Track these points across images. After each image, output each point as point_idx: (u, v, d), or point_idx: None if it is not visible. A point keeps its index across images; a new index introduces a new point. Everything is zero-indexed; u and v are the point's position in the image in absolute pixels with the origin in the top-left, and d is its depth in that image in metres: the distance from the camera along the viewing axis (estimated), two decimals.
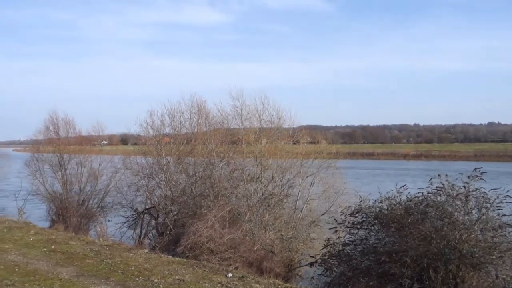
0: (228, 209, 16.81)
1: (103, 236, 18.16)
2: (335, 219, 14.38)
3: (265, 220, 17.22)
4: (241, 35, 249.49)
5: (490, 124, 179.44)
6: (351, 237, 13.06)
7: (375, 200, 12.65)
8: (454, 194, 11.17)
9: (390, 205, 11.99)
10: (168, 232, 18.87)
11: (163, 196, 20.80)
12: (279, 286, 10.10)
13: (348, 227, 13.14)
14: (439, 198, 11.35)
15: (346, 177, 21.44)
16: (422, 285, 10.33)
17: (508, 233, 10.76)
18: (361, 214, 12.74)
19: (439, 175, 11.73)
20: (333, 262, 13.05)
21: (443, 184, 11.47)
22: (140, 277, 10.27)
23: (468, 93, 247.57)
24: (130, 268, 11.22)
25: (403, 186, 12.36)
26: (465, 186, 11.13)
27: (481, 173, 11.45)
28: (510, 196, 11.00)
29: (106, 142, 39.10)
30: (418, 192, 11.86)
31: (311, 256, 15.36)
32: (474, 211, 10.90)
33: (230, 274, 10.72)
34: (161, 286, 9.59)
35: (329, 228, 15.22)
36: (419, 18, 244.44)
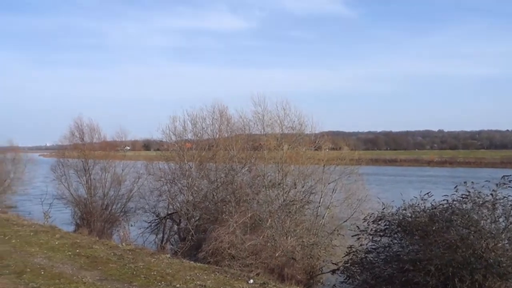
0: (250, 215, 16.82)
1: (126, 241, 18.33)
2: (358, 226, 14.22)
3: (287, 227, 17.15)
4: (264, 42, 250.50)
5: None
6: (374, 245, 12.88)
7: (398, 208, 12.47)
8: (481, 202, 10.94)
9: (414, 213, 11.81)
10: (190, 238, 18.96)
11: (185, 202, 20.93)
12: None
13: (371, 235, 12.98)
14: (465, 206, 11.14)
15: (367, 184, 21.16)
16: None
17: None
18: (384, 221, 12.57)
19: (465, 182, 11.52)
20: (356, 270, 12.89)
21: (469, 192, 11.26)
22: (162, 282, 10.33)
23: (494, 99, 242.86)
24: (153, 273, 11.30)
25: (427, 193, 12.16)
26: (492, 194, 10.89)
27: (510, 181, 11.20)
28: None
29: (129, 148, 39.51)
30: (443, 200, 11.66)
31: (333, 263, 15.22)
32: (501, 220, 10.66)
33: (252, 281, 10.70)
34: None
35: (352, 236, 15.05)
36: (443, 23, 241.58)
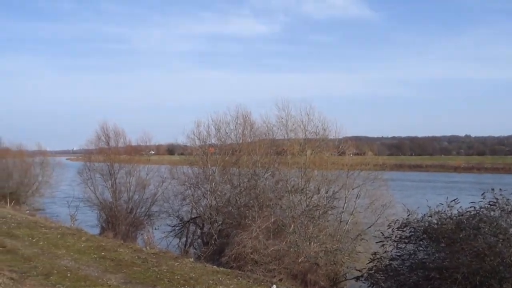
0: (273, 220, 16.80)
1: (150, 244, 18.50)
2: (382, 233, 14.05)
3: (310, 232, 17.07)
4: (286, 46, 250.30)
5: None
6: (399, 252, 12.69)
7: (424, 214, 12.27)
8: (509, 209, 10.68)
9: (440, 219, 11.59)
10: (213, 242, 19.03)
11: (208, 206, 21.03)
12: None
13: (396, 241, 12.80)
14: (493, 213, 10.89)
15: (390, 189, 20.88)
16: None
17: None
18: (409, 228, 12.38)
19: (493, 189, 11.26)
20: (380, 277, 12.72)
21: (497, 199, 11.00)
22: (186, 286, 10.41)
23: None
24: (176, 277, 11.38)
25: (454, 200, 11.94)
26: None
27: None
28: None
29: (154, 152, 39.99)
30: (470, 207, 11.42)
31: (357, 270, 15.07)
32: None
33: (275, 286, 10.67)
34: None
35: (376, 242, 14.88)
36: (470, 25, 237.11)
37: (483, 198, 11.32)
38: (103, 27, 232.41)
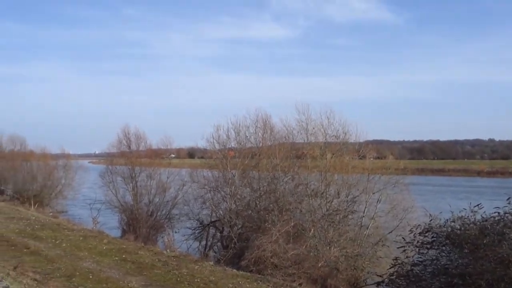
0: (292, 224, 16.75)
1: (171, 247, 18.64)
2: (403, 238, 13.88)
3: (330, 237, 16.96)
4: (307, 50, 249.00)
5: None
6: (421, 257, 12.53)
7: (447, 219, 12.09)
8: None
9: (464, 225, 11.41)
10: (233, 246, 19.05)
11: (228, 210, 21.07)
12: None
13: (417, 247, 12.64)
14: None
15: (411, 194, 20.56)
16: None
17: None
18: (432, 233, 12.22)
19: None
20: (402, 283, 12.57)
21: None
22: None
23: None
24: (196, 280, 11.44)
25: (478, 205, 11.73)
26: None
27: None
28: None
29: (174, 156, 40.27)
30: (494, 212, 11.20)
31: (378, 275, 14.91)
32: None
33: None
34: None
35: (397, 247, 14.69)
36: (493, 28, 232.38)
37: (508, 203, 11.09)
38: (125, 33, 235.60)
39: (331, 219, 17.51)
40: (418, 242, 12.63)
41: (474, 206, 11.66)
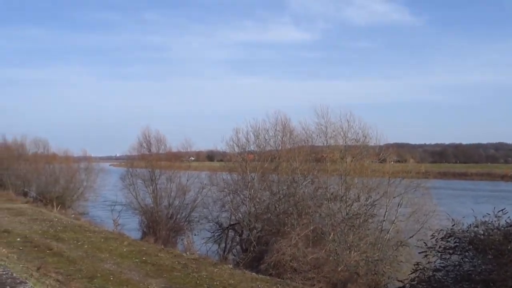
0: (312, 228, 16.67)
1: (190, 250, 18.72)
2: (425, 243, 13.67)
3: (350, 241, 16.82)
4: (326, 53, 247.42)
5: None
6: (443, 263, 12.32)
7: (470, 224, 11.87)
8: None
9: (487, 230, 11.19)
10: (252, 249, 19.04)
11: (247, 213, 21.08)
12: None
13: (440, 252, 12.43)
14: None
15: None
16: None
17: None
18: (454, 239, 12.00)
19: None
20: None
21: None
22: None
23: None
24: (215, 283, 11.46)
25: (502, 210, 11.49)
26: None
27: None
28: None
29: (194, 159, 40.51)
30: None
31: (399, 281, 14.70)
32: None
33: None
34: None
35: (419, 252, 14.48)
36: None
37: None
38: (146, 37, 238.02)
39: (351, 223, 17.37)
40: (440, 247, 12.42)
41: (498, 211, 11.43)
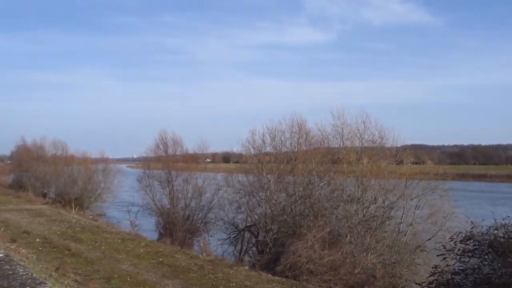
0: (328, 230, 16.58)
1: (206, 251, 18.77)
2: (443, 245, 13.47)
3: (367, 243, 16.69)
4: (343, 54, 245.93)
5: None
6: (462, 266, 12.12)
7: (489, 227, 11.67)
8: None
9: (507, 233, 10.98)
10: (268, 251, 19.01)
11: (263, 214, 21.06)
12: None
13: (458, 255, 12.23)
14: None
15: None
16: None
17: None
18: (473, 241, 11.81)
19: None
20: None
21: None
22: None
23: None
24: (231, 285, 11.47)
25: None
26: None
27: None
28: None
29: (209, 160, 40.66)
30: None
31: (417, 283, 14.53)
32: None
33: None
34: None
35: (437, 255, 14.28)
36: None
37: None
38: (164, 39, 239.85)
39: (368, 225, 17.23)
40: (459, 250, 12.22)
41: None
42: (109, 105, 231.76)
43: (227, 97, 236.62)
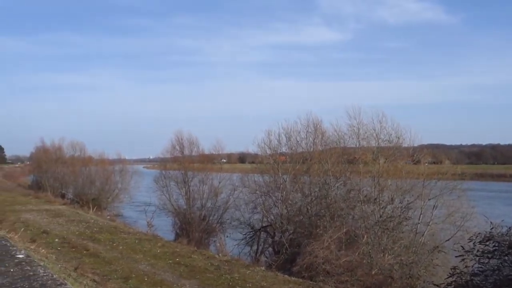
0: (345, 231, 16.50)
1: (223, 252, 18.82)
2: (462, 246, 13.30)
3: (384, 243, 16.56)
4: (358, 54, 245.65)
5: None
6: (481, 267, 11.95)
7: (509, 228, 11.49)
8: None
9: None
10: (284, 251, 19.00)
11: (279, 215, 21.04)
12: None
13: (478, 256, 12.06)
14: None
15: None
16: None
17: None
18: (493, 242, 11.63)
19: None
20: None
21: None
22: None
23: None
24: (248, 285, 11.48)
25: None
26: None
27: None
28: None
29: (225, 161, 40.75)
30: None
31: (435, 285, 14.35)
32: None
33: None
34: None
35: (456, 256, 14.10)
36: None
37: None
38: (177, 41, 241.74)
39: (385, 226, 17.09)
40: (478, 251, 12.06)
41: None
42: (126, 106, 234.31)
43: (243, 98, 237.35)
